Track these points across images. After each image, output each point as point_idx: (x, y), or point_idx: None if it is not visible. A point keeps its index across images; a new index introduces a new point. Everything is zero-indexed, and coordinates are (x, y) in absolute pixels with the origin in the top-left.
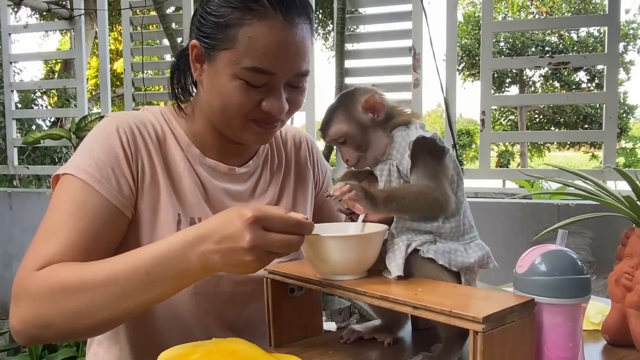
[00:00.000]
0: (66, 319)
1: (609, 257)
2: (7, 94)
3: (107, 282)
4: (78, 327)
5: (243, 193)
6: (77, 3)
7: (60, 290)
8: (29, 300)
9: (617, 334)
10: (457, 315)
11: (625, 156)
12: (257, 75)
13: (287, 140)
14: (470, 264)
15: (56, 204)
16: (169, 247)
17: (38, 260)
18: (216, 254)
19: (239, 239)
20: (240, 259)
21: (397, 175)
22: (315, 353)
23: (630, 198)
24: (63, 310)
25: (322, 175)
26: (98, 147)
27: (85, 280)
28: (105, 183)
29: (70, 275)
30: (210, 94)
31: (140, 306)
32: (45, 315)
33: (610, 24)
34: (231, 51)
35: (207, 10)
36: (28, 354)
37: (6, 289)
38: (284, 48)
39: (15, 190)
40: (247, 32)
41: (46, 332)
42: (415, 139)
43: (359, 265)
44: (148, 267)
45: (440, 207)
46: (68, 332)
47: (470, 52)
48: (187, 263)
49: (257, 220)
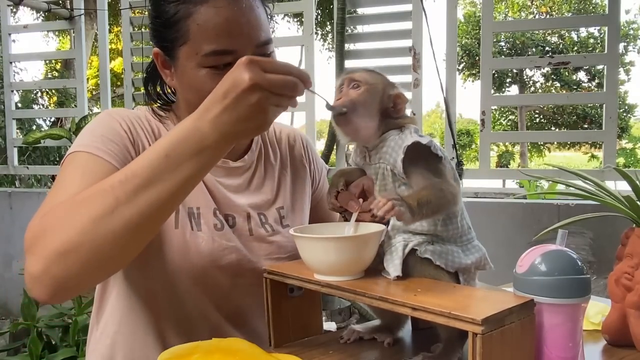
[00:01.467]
0: (88, 230)
1: (609, 257)
2: (7, 94)
3: (127, 177)
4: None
5: (238, 187)
6: (77, 3)
7: (78, 202)
8: (45, 234)
9: (617, 334)
10: (456, 317)
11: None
12: (219, 57)
13: (282, 139)
14: (467, 265)
15: (62, 174)
16: (182, 128)
17: (48, 209)
18: (225, 113)
19: (239, 82)
20: (248, 104)
21: (391, 178)
22: (315, 353)
23: (630, 198)
24: (86, 219)
25: (318, 173)
26: (100, 127)
27: (102, 185)
28: (111, 152)
29: (84, 192)
30: (185, 93)
31: (165, 198)
32: (68, 236)
33: (610, 24)
34: (187, 44)
35: (154, 14)
36: (28, 354)
37: (6, 289)
38: (235, 23)
39: (15, 190)
40: (195, 20)
41: (68, 263)
42: (410, 144)
43: (356, 266)
44: (166, 150)
45: (455, 201)
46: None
47: (470, 52)
48: (202, 135)
49: (253, 60)
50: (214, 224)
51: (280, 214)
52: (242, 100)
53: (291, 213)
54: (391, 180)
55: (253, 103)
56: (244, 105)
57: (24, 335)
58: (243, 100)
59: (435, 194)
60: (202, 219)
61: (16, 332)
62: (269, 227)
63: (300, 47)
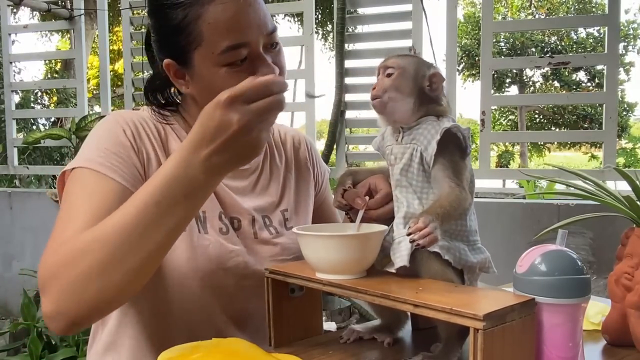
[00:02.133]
0: (94, 278)
1: (609, 257)
2: (7, 94)
3: (123, 229)
4: (109, 287)
5: (244, 189)
6: (77, 3)
7: (80, 251)
8: (55, 277)
9: (617, 334)
10: (457, 313)
11: (625, 156)
12: (235, 52)
13: (287, 141)
14: (473, 264)
15: (69, 195)
16: (169, 172)
17: (58, 242)
18: (214, 155)
19: (227, 125)
20: (239, 143)
21: (418, 161)
22: (315, 353)
23: (630, 198)
24: (89, 269)
25: (321, 176)
26: (104, 138)
27: (101, 235)
28: (115, 168)
29: (86, 237)
30: (205, 96)
31: (163, 243)
32: (75, 282)
33: (610, 24)
34: (202, 46)
35: (159, 24)
36: (28, 354)
37: (6, 289)
38: (244, 16)
39: (15, 190)
40: (205, 20)
41: (78, 305)
42: (449, 127)
43: (358, 265)
44: (156, 197)
45: (464, 211)
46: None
47: (470, 52)
48: (192, 177)
49: (233, 99)
50: (219, 227)
51: (284, 216)
52: (233, 143)
53: (295, 215)
54: (417, 162)
55: (245, 140)
56: (234, 146)
57: (24, 335)
58: (234, 143)
59: (452, 204)
60: (208, 223)
61: (16, 332)
62: (273, 230)
63: (301, 47)
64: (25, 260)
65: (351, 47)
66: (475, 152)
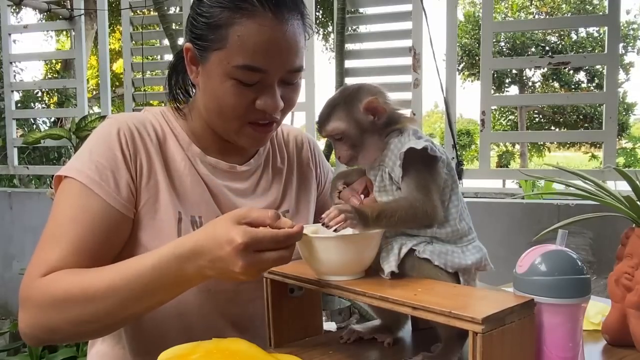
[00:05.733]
0: (71, 325)
1: (609, 257)
2: (7, 94)
3: (107, 293)
4: (83, 331)
5: (245, 191)
6: (77, 3)
7: (62, 300)
8: (34, 306)
9: (617, 334)
10: (456, 316)
11: (625, 156)
12: (249, 73)
13: (289, 141)
14: (467, 266)
15: (58, 208)
16: (165, 260)
17: (42, 266)
18: (211, 270)
19: (230, 264)
20: (235, 277)
21: (389, 181)
22: (315, 353)
23: (630, 198)
24: (67, 318)
25: (324, 176)
26: (98, 150)
27: (86, 291)
28: (104, 186)
29: (71, 286)
30: (205, 96)
31: (141, 312)
32: (51, 322)
33: (610, 24)
34: (223, 51)
35: (198, 11)
36: (28, 354)
37: (6, 289)
38: (275, 45)
39: (15, 190)
40: (237, 31)
41: (53, 335)
42: (405, 150)
43: (356, 266)
44: (146, 278)
45: (429, 219)
46: (74, 336)
47: (470, 52)
48: (183, 273)
49: (247, 246)
50: None
51: (285, 217)
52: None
53: (296, 216)
54: (389, 183)
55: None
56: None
57: None
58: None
59: (403, 208)
60: None
61: (16, 332)
62: None
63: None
64: (25, 260)
65: (351, 47)
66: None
